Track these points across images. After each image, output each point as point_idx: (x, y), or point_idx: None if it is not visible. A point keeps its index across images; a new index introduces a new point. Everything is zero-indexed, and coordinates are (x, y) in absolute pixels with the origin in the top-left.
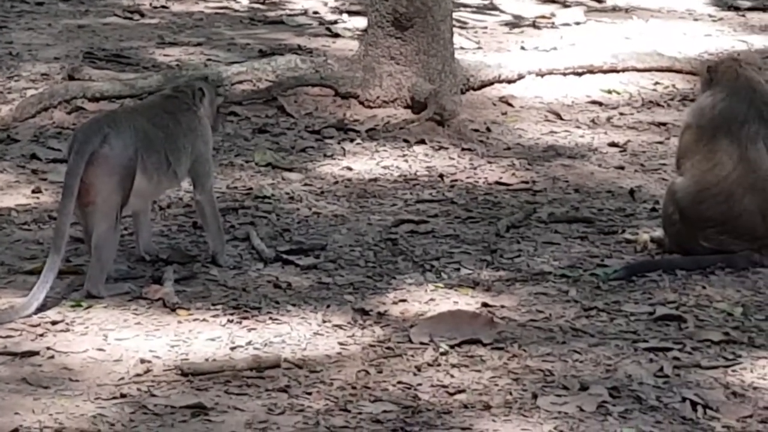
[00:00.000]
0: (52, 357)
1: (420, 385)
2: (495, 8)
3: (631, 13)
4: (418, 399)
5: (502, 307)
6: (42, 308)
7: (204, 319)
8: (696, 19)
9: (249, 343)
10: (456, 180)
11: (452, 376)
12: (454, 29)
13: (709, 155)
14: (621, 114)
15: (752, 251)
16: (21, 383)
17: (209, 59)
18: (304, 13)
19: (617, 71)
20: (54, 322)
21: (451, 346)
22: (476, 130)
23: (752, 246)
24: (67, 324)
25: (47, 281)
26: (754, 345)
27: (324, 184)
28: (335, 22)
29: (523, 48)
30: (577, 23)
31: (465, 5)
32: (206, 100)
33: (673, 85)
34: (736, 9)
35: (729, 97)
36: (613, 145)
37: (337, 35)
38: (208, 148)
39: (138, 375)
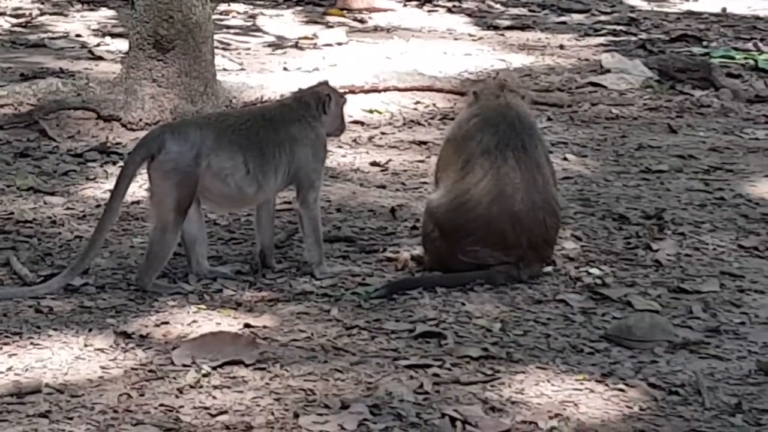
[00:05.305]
0: None
1: (182, 407)
2: (258, 30)
3: (393, 33)
4: (180, 421)
5: (265, 327)
6: None
7: None
8: (456, 39)
9: (9, 368)
10: None
11: (214, 397)
12: (217, 51)
13: (462, 165)
14: (383, 134)
15: (510, 266)
16: None
17: None
18: (66, 36)
19: (378, 91)
20: None
21: (213, 368)
22: None
23: (509, 259)
24: None
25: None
26: (512, 360)
27: (86, 207)
28: (98, 45)
29: (285, 69)
30: (339, 44)
31: (228, 27)
32: (332, 104)
33: (434, 105)
34: (495, 28)
35: (486, 112)
36: (374, 164)
37: (99, 58)
38: (315, 160)
39: None
